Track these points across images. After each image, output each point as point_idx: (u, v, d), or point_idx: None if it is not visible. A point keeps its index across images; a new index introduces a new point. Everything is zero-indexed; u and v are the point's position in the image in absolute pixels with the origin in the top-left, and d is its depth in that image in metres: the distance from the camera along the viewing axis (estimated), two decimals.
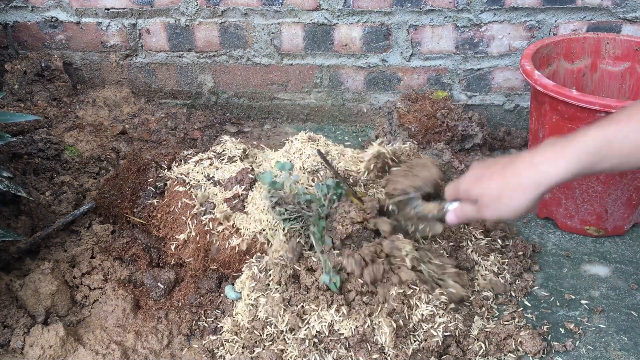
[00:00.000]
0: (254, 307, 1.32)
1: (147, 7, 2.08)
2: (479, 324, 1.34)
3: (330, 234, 1.37)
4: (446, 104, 1.91)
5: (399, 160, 1.48)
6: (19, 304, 1.37)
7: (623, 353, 1.30)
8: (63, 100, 2.15)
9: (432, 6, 1.94)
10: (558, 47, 1.71)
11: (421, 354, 1.23)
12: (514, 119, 2.12)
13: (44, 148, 1.77)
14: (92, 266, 1.47)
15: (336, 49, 2.07)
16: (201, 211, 1.47)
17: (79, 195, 1.69)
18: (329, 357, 1.20)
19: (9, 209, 1.55)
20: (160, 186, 1.57)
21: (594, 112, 1.40)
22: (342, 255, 1.30)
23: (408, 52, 2.04)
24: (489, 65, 2.03)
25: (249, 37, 2.10)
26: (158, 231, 1.53)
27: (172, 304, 1.44)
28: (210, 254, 1.45)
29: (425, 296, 1.28)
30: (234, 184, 1.50)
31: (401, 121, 1.85)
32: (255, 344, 1.26)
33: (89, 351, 1.31)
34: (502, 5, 1.91)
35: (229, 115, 2.26)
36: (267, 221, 1.43)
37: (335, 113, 2.22)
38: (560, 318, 1.40)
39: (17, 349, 1.29)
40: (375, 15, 1.99)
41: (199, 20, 2.08)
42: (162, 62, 2.20)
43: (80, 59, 2.23)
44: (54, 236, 1.54)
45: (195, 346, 1.34)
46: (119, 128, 2.06)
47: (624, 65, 1.73)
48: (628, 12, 1.87)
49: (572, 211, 1.62)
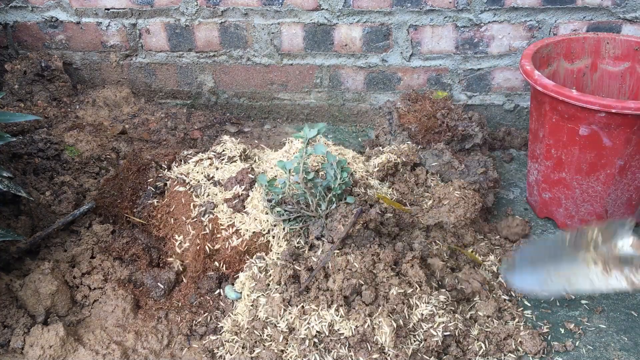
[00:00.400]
0: (254, 307, 1.32)
1: (147, 7, 2.08)
2: (481, 321, 1.34)
3: (330, 234, 1.37)
4: (446, 104, 1.91)
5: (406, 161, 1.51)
6: (19, 304, 1.37)
7: (623, 353, 1.30)
8: (63, 100, 2.15)
9: (432, 6, 1.94)
10: (558, 47, 1.71)
11: (421, 354, 1.23)
12: (514, 119, 2.12)
13: (44, 148, 1.77)
14: (92, 266, 1.47)
15: (336, 49, 2.07)
16: (201, 211, 1.48)
17: (79, 195, 1.69)
18: (329, 357, 1.20)
19: (9, 209, 1.55)
20: (160, 186, 1.57)
21: (594, 112, 1.40)
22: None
23: (408, 52, 2.04)
24: (489, 65, 2.03)
25: (249, 37, 2.10)
26: (158, 231, 1.53)
27: (172, 304, 1.44)
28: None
29: (425, 296, 1.29)
30: (234, 184, 1.51)
31: (401, 121, 1.85)
32: (255, 344, 1.26)
33: (89, 351, 1.31)
34: (502, 5, 1.91)
35: (229, 115, 2.26)
36: (267, 221, 1.43)
37: (335, 113, 2.22)
38: (560, 318, 1.40)
39: (17, 349, 1.29)
40: (375, 15, 1.99)
41: (199, 20, 2.08)
42: (162, 62, 2.20)
43: (80, 59, 2.23)
44: (54, 236, 1.54)
45: (195, 346, 1.34)
46: (119, 128, 2.06)
47: (624, 65, 1.73)
48: (628, 12, 1.87)
49: (572, 211, 1.62)
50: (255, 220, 1.43)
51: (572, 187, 1.58)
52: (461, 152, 1.88)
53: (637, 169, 1.50)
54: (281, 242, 1.41)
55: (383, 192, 1.55)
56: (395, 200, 1.52)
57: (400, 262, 1.36)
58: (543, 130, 1.58)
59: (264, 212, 1.44)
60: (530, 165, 1.71)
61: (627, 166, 1.49)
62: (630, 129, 1.41)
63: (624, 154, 1.46)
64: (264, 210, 1.44)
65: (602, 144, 1.46)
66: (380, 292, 1.29)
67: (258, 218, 1.43)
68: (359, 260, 1.32)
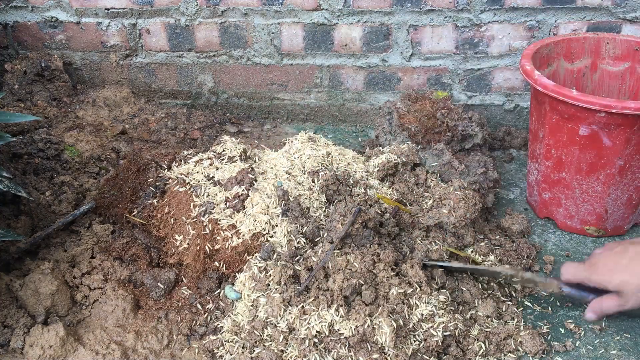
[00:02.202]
0: (254, 307, 1.32)
1: (147, 7, 2.08)
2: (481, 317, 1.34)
3: (329, 234, 1.37)
4: (446, 104, 1.91)
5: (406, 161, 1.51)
6: (19, 304, 1.37)
7: (623, 353, 1.30)
8: (63, 100, 2.15)
9: (432, 6, 1.94)
10: (558, 47, 1.71)
11: (421, 354, 1.23)
12: (514, 119, 2.12)
13: (44, 148, 1.77)
14: (92, 266, 1.47)
15: (336, 49, 2.07)
16: (201, 211, 1.48)
17: (79, 195, 1.69)
18: (329, 357, 1.20)
19: (9, 209, 1.55)
20: (160, 186, 1.57)
21: (594, 112, 1.40)
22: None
23: (408, 52, 2.04)
24: (489, 65, 2.03)
25: (249, 37, 2.10)
26: (158, 231, 1.53)
27: (172, 304, 1.44)
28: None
29: (425, 296, 1.29)
30: (234, 184, 1.51)
31: (401, 121, 1.85)
32: (255, 344, 1.26)
33: (89, 351, 1.31)
34: (502, 5, 1.91)
35: (229, 115, 2.26)
36: (267, 222, 1.43)
37: (335, 113, 2.22)
38: (560, 318, 1.40)
39: (17, 349, 1.29)
40: (375, 15, 1.99)
41: (199, 20, 2.08)
42: (162, 62, 2.20)
43: (80, 59, 2.23)
44: (54, 236, 1.54)
45: (195, 346, 1.34)
46: (119, 128, 2.06)
47: (624, 65, 1.73)
48: (628, 12, 1.87)
49: (572, 211, 1.62)
50: (255, 221, 1.43)
51: (572, 187, 1.58)
52: (461, 152, 1.87)
53: (637, 169, 1.50)
54: (282, 242, 1.41)
55: (383, 192, 1.55)
56: (395, 200, 1.52)
57: (400, 263, 1.36)
58: (543, 131, 1.58)
59: (263, 212, 1.44)
60: (530, 165, 1.71)
61: (627, 166, 1.49)
62: (630, 129, 1.41)
63: (624, 154, 1.46)
64: (264, 210, 1.44)
65: (602, 144, 1.46)
66: (380, 292, 1.29)
67: (258, 218, 1.43)
68: (359, 260, 1.32)
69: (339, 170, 1.57)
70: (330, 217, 1.40)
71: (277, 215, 1.43)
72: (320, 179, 1.50)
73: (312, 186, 1.50)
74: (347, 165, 1.63)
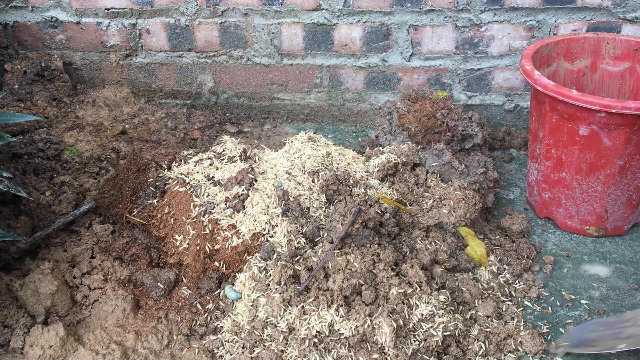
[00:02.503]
0: (254, 307, 1.32)
1: (147, 7, 2.08)
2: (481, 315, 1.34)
3: (330, 234, 1.37)
4: (446, 104, 1.91)
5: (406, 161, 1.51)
6: (19, 304, 1.37)
7: (623, 353, 1.30)
8: (63, 100, 2.15)
9: (432, 6, 1.94)
10: (558, 47, 1.71)
11: (421, 354, 1.23)
12: (514, 119, 2.12)
13: (44, 148, 1.77)
14: (92, 266, 1.47)
15: (336, 49, 2.07)
16: (201, 211, 1.48)
17: (79, 195, 1.69)
18: (329, 357, 1.20)
19: (9, 209, 1.55)
20: (160, 186, 1.57)
21: (594, 112, 1.40)
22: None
23: (408, 52, 2.04)
24: (489, 65, 2.03)
25: (249, 37, 2.10)
26: (158, 231, 1.53)
27: (172, 304, 1.44)
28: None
29: (425, 296, 1.29)
30: (234, 184, 1.51)
31: (401, 121, 1.85)
32: (255, 344, 1.26)
33: (89, 351, 1.31)
34: (502, 5, 1.91)
35: (229, 115, 2.26)
36: (267, 222, 1.43)
37: (335, 113, 2.22)
38: (560, 318, 1.40)
39: (17, 349, 1.29)
40: (375, 15, 1.99)
41: (199, 20, 2.08)
42: (162, 62, 2.20)
43: (80, 59, 2.23)
44: (54, 236, 1.54)
45: (195, 346, 1.34)
46: (119, 128, 2.06)
47: (624, 65, 1.73)
48: (628, 12, 1.87)
49: (572, 211, 1.62)
50: (255, 221, 1.43)
51: (572, 187, 1.58)
52: (461, 152, 1.87)
53: (637, 169, 1.50)
54: (282, 242, 1.41)
55: (383, 192, 1.55)
56: (395, 200, 1.52)
57: (400, 263, 1.36)
58: (543, 130, 1.58)
59: (263, 212, 1.44)
60: (530, 165, 1.71)
61: (627, 166, 1.49)
62: (630, 129, 1.41)
63: (624, 154, 1.46)
64: (264, 210, 1.44)
65: (602, 144, 1.46)
66: (380, 292, 1.29)
67: (258, 218, 1.43)
68: (359, 260, 1.32)
69: (339, 170, 1.57)
70: (330, 217, 1.40)
71: (277, 215, 1.43)
72: (320, 179, 1.51)
73: (312, 186, 1.50)
74: (347, 165, 1.63)
